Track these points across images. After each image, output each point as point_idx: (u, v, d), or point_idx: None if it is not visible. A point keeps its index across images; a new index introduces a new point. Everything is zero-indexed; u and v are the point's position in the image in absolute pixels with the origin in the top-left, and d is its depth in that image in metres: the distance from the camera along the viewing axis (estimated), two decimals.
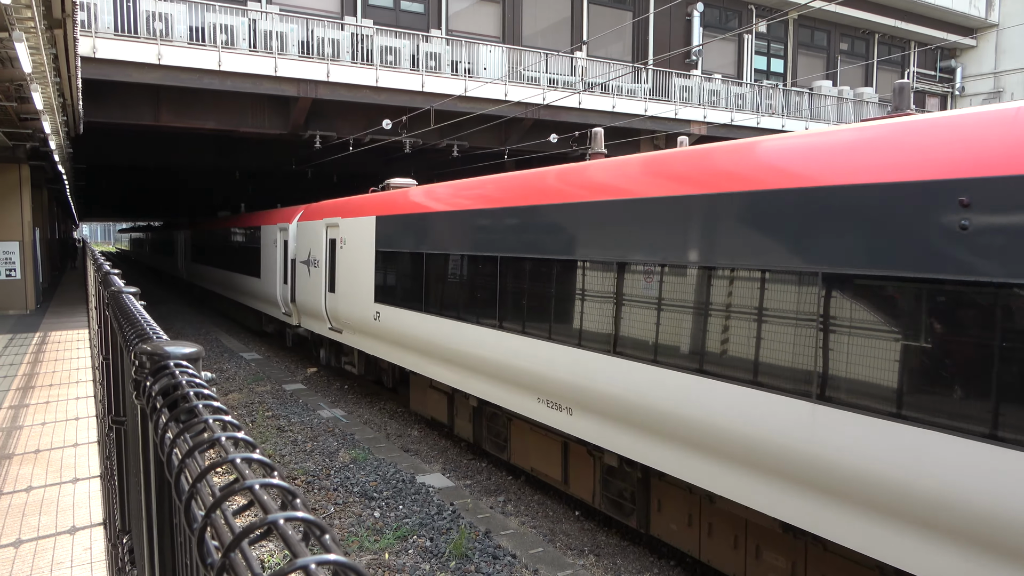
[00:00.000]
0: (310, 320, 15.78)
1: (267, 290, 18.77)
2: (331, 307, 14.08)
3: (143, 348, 1.50)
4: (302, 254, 15.98)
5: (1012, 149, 4.06)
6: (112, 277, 4.06)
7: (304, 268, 15.74)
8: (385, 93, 18.58)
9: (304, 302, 15.83)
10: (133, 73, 15.90)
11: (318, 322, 15.12)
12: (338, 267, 13.68)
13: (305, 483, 9.39)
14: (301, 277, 15.97)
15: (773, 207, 5.38)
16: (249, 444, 0.92)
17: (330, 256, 14.20)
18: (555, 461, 8.50)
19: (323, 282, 14.45)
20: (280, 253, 17.66)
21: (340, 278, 13.56)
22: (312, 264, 15.17)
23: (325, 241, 14.46)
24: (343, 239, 13.48)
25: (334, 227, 14.10)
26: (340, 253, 13.60)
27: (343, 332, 13.70)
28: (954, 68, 33.96)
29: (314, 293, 15.03)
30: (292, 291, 16.63)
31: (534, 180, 8.48)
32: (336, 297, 13.77)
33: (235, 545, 0.63)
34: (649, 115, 22.22)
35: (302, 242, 16.09)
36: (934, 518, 4.21)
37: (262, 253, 19.49)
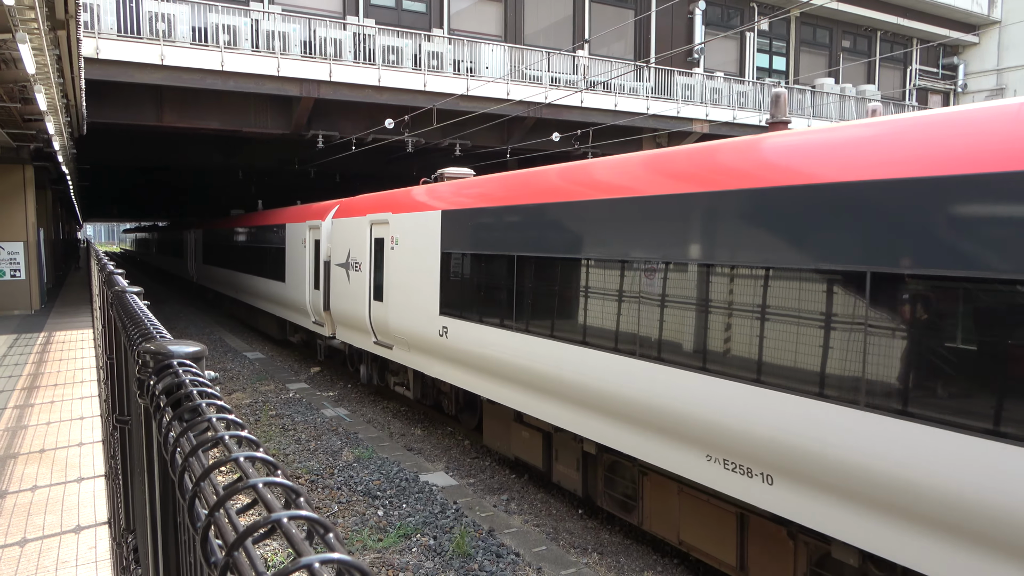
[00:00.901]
0: (348, 332, 13.87)
1: (294, 296, 16.92)
2: (377, 318, 12.19)
3: (147, 347, 1.50)
4: (339, 256, 14.05)
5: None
6: (116, 277, 4.07)
7: (341, 272, 13.84)
8: (387, 92, 18.58)
9: (341, 311, 13.92)
10: (136, 74, 15.92)
11: (359, 334, 13.22)
12: (387, 271, 11.78)
13: (309, 482, 9.41)
14: (338, 282, 14.08)
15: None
16: (252, 443, 0.93)
17: (376, 258, 12.34)
18: (725, 539, 6.43)
19: (367, 289, 12.61)
20: (310, 254, 15.82)
21: (390, 284, 11.66)
22: (352, 267, 13.29)
23: (369, 241, 12.58)
24: (394, 238, 11.52)
25: (382, 224, 12.17)
26: (390, 255, 11.65)
27: (393, 348, 11.71)
28: (956, 65, 33.87)
29: (355, 301, 13.08)
30: (326, 298, 14.76)
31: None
32: (384, 307, 11.86)
33: (238, 544, 0.63)
34: (651, 113, 22.19)
35: (339, 242, 14.11)
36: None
37: (287, 254, 17.55)
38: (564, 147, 21.62)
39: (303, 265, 16.23)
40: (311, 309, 15.86)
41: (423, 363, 10.82)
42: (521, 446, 9.29)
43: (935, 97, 33.68)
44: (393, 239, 11.63)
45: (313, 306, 15.68)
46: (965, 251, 4.24)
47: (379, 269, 12.21)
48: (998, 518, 4.08)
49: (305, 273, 16.03)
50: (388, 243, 11.84)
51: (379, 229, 12.32)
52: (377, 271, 12.29)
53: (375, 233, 12.48)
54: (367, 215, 12.77)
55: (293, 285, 17.02)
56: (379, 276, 12.19)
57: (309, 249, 15.93)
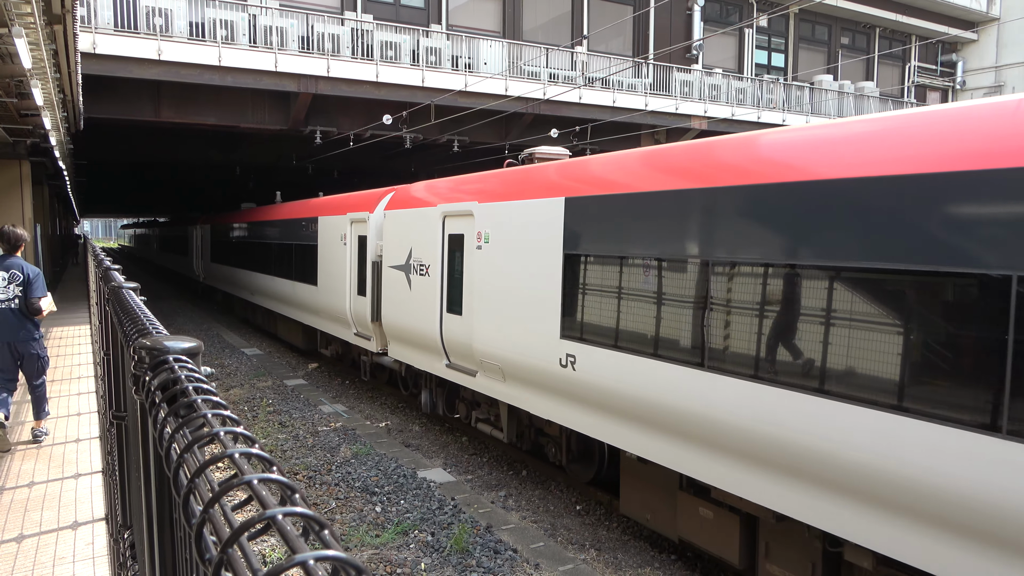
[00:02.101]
0: (406, 349, 11.45)
1: (330, 303, 14.46)
2: (453, 337, 9.81)
3: (142, 343, 1.49)
4: (394, 255, 11.55)
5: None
6: (112, 273, 4.06)
7: (398, 276, 11.42)
8: (385, 88, 18.55)
9: (397, 324, 11.46)
10: (133, 69, 15.87)
11: (423, 354, 10.88)
12: (470, 277, 9.40)
13: (307, 478, 9.41)
14: (392, 288, 11.60)
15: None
16: (248, 439, 0.92)
17: (451, 260, 10.03)
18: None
19: (437, 298, 10.21)
20: (352, 254, 13.39)
21: (475, 294, 9.23)
22: (415, 270, 10.85)
23: (442, 238, 10.20)
24: (482, 235, 9.09)
25: (461, 217, 9.76)
26: (475, 256, 9.26)
27: (477, 375, 9.38)
28: (955, 62, 33.86)
29: (418, 313, 10.72)
30: (375, 307, 12.40)
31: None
32: (465, 323, 9.48)
33: (233, 541, 0.63)
34: (650, 110, 22.17)
35: (394, 239, 11.66)
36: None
37: (321, 253, 15.09)
38: (563, 143, 21.58)
39: (343, 266, 13.75)
40: (353, 319, 13.37)
41: (528, 399, 8.41)
42: (694, 527, 6.73)
43: (933, 94, 33.68)
44: (480, 236, 9.13)
45: (356, 316, 13.20)
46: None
47: (456, 273, 9.82)
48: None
49: (346, 276, 13.58)
50: (471, 240, 9.41)
51: (456, 223, 9.89)
52: (453, 276, 9.92)
53: (450, 228, 10.06)
54: (438, 205, 10.29)
55: (328, 290, 14.56)
56: (456, 283, 9.80)
57: (351, 247, 13.47)
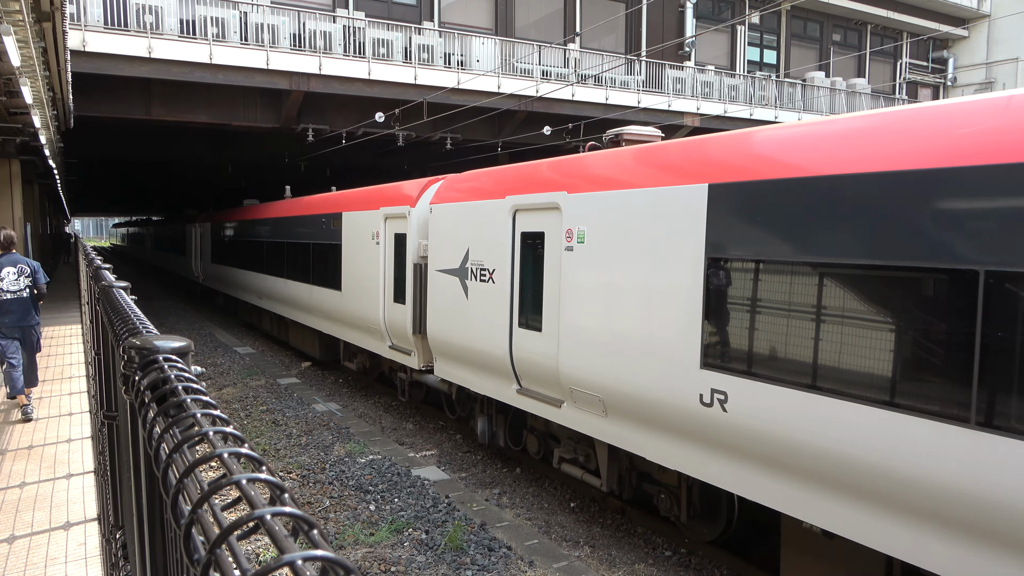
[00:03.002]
0: (460, 368, 9.77)
1: (357, 310, 12.83)
2: (529, 356, 8.18)
3: (132, 342, 1.49)
4: (444, 256, 9.90)
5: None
6: (103, 272, 4.04)
7: (450, 282, 9.73)
8: (378, 86, 18.51)
9: (449, 337, 9.80)
10: (124, 67, 15.79)
11: (484, 375, 9.20)
12: (556, 285, 7.71)
13: (300, 476, 9.39)
14: (442, 295, 9.94)
15: None
16: (238, 438, 0.92)
17: (526, 263, 8.33)
18: None
19: (505, 309, 8.54)
20: (387, 254, 11.79)
21: (564, 306, 7.54)
22: (473, 275, 9.19)
23: (512, 237, 8.52)
24: (575, 233, 7.40)
25: (543, 212, 8.01)
26: (563, 260, 7.53)
27: (563, 406, 7.71)
28: (946, 59, 34.01)
29: (477, 326, 9.10)
30: (417, 316, 10.75)
31: None
32: (547, 341, 7.85)
33: (220, 541, 0.62)
34: (642, 107, 22.19)
35: (444, 237, 9.96)
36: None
37: (345, 254, 13.39)
38: (555, 141, 21.60)
39: (374, 269, 12.06)
40: (388, 330, 11.71)
41: (643, 441, 6.72)
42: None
43: (925, 91, 33.82)
44: (571, 234, 7.44)
45: (392, 327, 11.56)
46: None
47: (533, 280, 8.16)
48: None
49: (379, 280, 11.89)
50: (556, 240, 7.74)
51: (533, 219, 8.17)
52: (528, 283, 8.24)
53: (523, 224, 8.35)
54: (507, 197, 8.56)
55: (356, 295, 12.86)
56: (533, 291, 8.17)
57: (385, 247, 11.84)
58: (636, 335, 6.59)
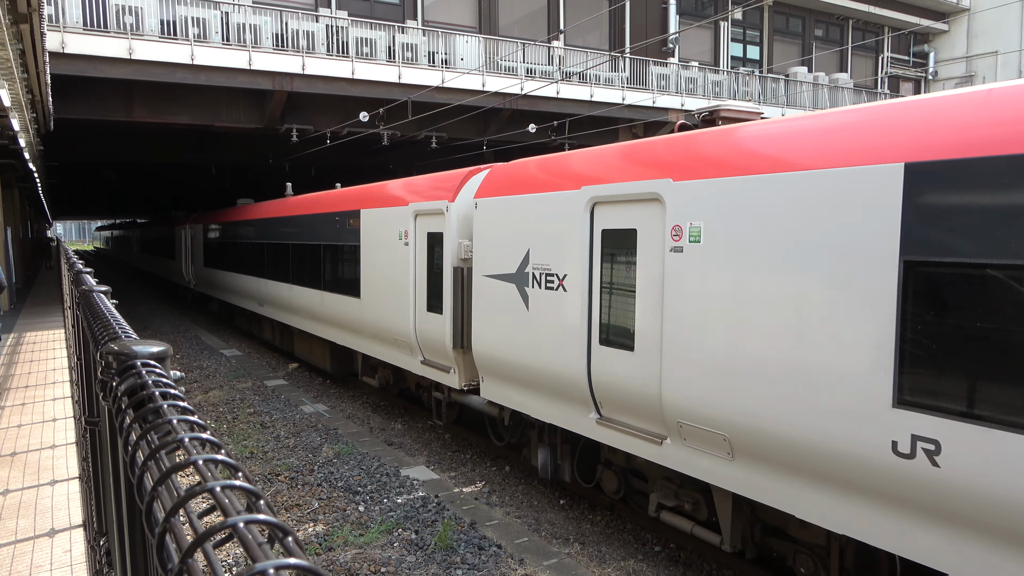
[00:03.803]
0: (516, 391, 8.37)
1: (381, 320, 11.44)
2: (615, 380, 6.85)
3: (109, 348, 1.47)
4: (495, 259, 8.53)
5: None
6: (84, 276, 3.99)
7: (504, 289, 8.36)
8: (361, 85, 18.43)
9: (500, 353, 8.46)
10: (104, 68, 15.64)
11: (550, 400, 7.81)
12: (656, 294, 6.36)
13: (288, 479, 9.35)
14: (492, 304, 8.59)
15: None
16: (214, 445, 0.90)
17: (607, 268, 6.97)
18: None
19: (582, 323, 7.18)
20: (419, 256, 10.40)
21: (669, 320, 6.17)
22: (536, 281, 7.82)
23: (590, 236, 7.15)
24: (686, 230, 6.02)
25: (636, 204, 6.61)
26: (668, 264, 6.16)
27: (667, 442, 6.36)
28: (927, 53, 34.30)
29: (543, 341, 7.72)
30: (459, 328, 9.45)
31: None
32: (641, 363, 6.52)
33: (192, 550, 0.61)
34: (627, 103, 22.23)
35: (494, 237, 8.58)
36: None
37: (365, 256, 12.01)
38: (541, 138, 21.60)
39: (403, 273, 10.72)
40: (420, 343, 10.38)
41: (791, 496, 5.36)
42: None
43: (907, 84, 34.08)
44: (679, 231, 6.06)
45: (426, 340, 10.20)
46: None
47: (619, 288, 6.83)
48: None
49: (409, 285, 10.54)
50: (655, 239, 6.36)
51: (620, 213, 6.76)
52: (612, 291, 6.90)
53: (606, 220, 6.94)
54: (582, 188, 7.15)
55: (379, 303, 11.49)
56: (619, 302, 6.83)
57: (416, 248, 10.48)
58: (785, 360, 5.17)
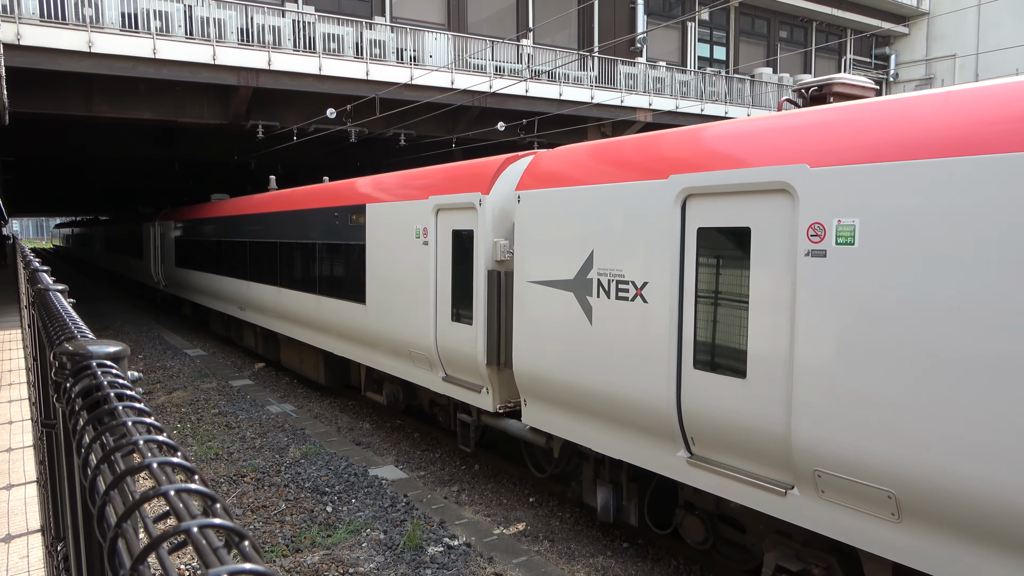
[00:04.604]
0: (567, 415, 7.14)
1: (389, 328, 10.20)
2: (717, 411, 5.58)
3: (64, 348, 1.42)
4: (545, 263, 7.25)
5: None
6: (40, 274, 3.89)
7: (558, 298, 7.05)
8: (329, 81, 18.25)
9: (550, 373, 7.18)
10: (63, 61, 15.25)
11: (618, 432, 6.56)
12: (775, 310, 5.17)
13: (255, 480, 9.23)
14: (541, 316, 7.28)
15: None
16: (171, 447, 0.88)
17: (705, 275, 5.74)
18: None
19: (669, 341, 5.94)
20: (441, 258, 9.07)
21: (798, 342, 4.96)
22: (604, 289, 6.53)
23: (680, 235, 5.88)
24: (829, 230, 4.83)
25: (752, 196, 5.35)
26: (799, 272, 4.96)
27: (793, 492, 5.14)
28: (888, 55, 35.03)
29: (610, 360, 6.47)
30: (496, 342, 8.12)
31: None
32: (759, 392, 5.27)
33: (144, 556, 0.59)
34: (596, 102, 22.33)
35: (541, 235, 7.32)
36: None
37: (372, 257, 10.70)
38: (510, 136, 21.60)
39: (421, 276, 9.38)
40: (443, 357, 9.06)
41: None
42: None
43: None
44: (820, 231, 4.85)
45: (450, 353, 8.90)
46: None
47: (723, 300, 5.58)
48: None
49: (428, 291, 9.21)
50: (779, 240, 5.12)
51: (725, 207, 5.51)
52: (712, 303, 5.65)
53: (704, 215, 5.67)
54: (670, 177, 5.88)
55: (389, 310, 10.20)
56: (723, 316, 5.55)
57: (437, 248, 9.14)
58: (1002, 398, 4.01)
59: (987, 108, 4.29)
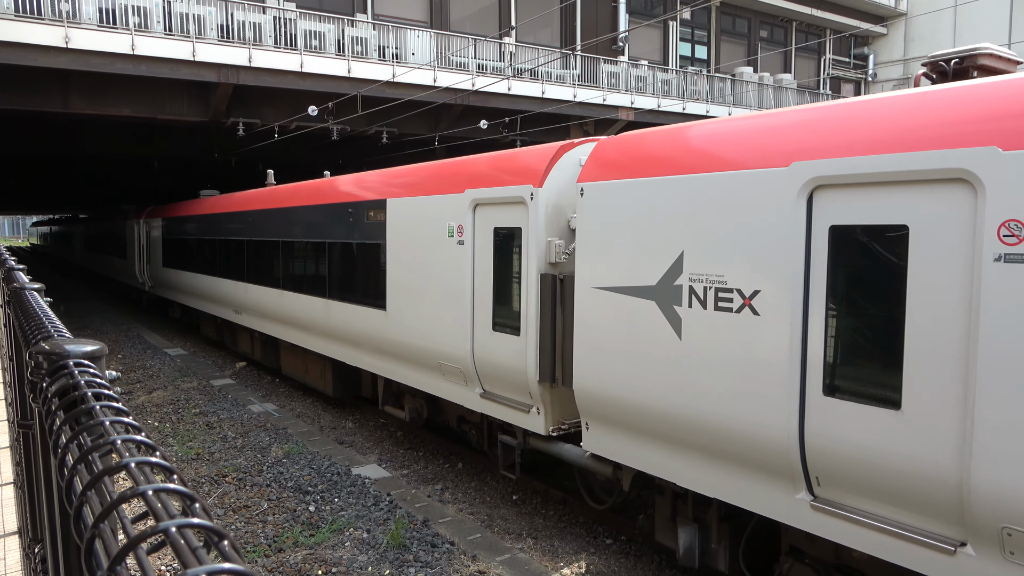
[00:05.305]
0: (645, 444, 6.13)
1: (416, 337, 9.10)
2: (858, 450, 4.57)
3: (40, 347, 1.41)
4: (617, 266, 6.21)
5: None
6: (16, 273, 3.84)
7: (635, 307, 6.03)
8: (310, 79, 18.12)
9: (620, 392, 6.19)
10: (39, 57, 15.02)
11: (714, 466, 5.54)
12: (947, 332, 4.17)
13: (236, 480, 9.16)
14: (612, 326, 6.24)
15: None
16: (149, 447, 0.87)
17: (840, 284, 4.70)
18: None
19: (789, 363, 4.93)
20: (477, 259, 8.04)
21: (983, 371, 3.97)
22: (697, 298, 5.54)
23: (805, 235, 4.87)
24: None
25: (906, 187, 4.37)
26: (984, 282, 3.98)
27: (962, 550, 4.16)
28: (867, 55, 35.40)
29: (705, 382, 5.47)
30: (549, 354, 7.09)
31: None
32: (916, 428, 4.31)
33: (121, 557, 0.59)
34: (578, 101, 22.37)
35: (613, 235, 6.27)
36: None
37: (392, 258, 9.64)
38: (492, 134, 21.58)
39: (456, 279, 8.32)
40: (481, 371, 8.03)
41: None
42: None
43: (847, 86, 35.11)
44: (1019, 231, 3.89)
45: (489, 366, 7.89)
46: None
47: (865, 315, 4.62)
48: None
49: (465, 295, 8.16)
50: (962, 242, 4.16)
51: (873, 201, 4.54)
52: (851, 319, 4.67)
53: (836, 211, 4.72)
54: (792, 164, 4.90)
55: (415, 316, 9.11)
56: (867, 337, 4.61)
57: (476, 247, 8.08)
58: None
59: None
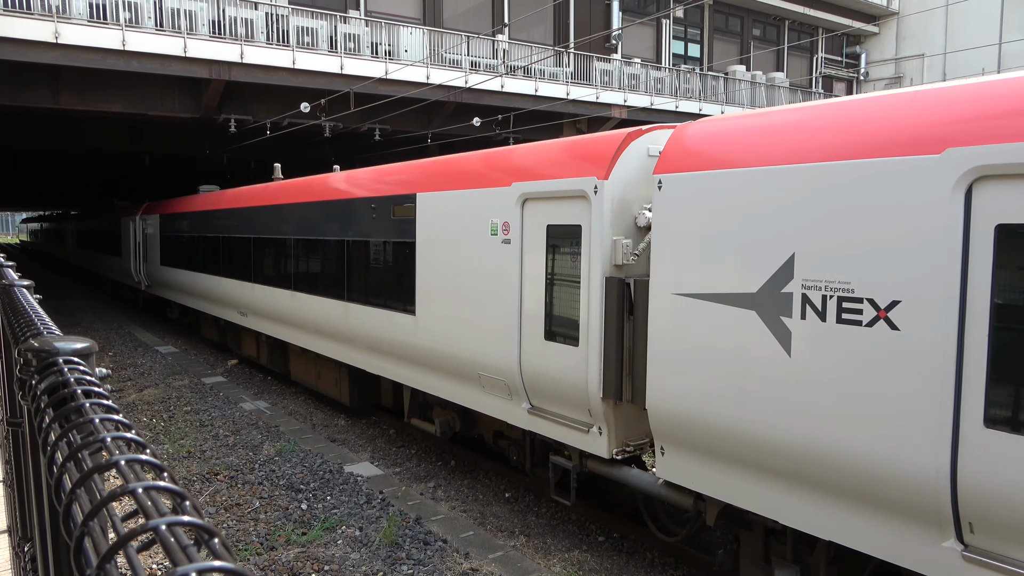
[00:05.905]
0: (731, 474, 5.41)
1: (452, 344, 8.34)
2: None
3: (29, 344, 1.40)
4: (701, 270, 5.46)
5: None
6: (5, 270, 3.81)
7: (730, 317, 5.24)
8: (303, 75, 18.06)
9: (709, 415, 5.42)
10: (28, 52, 14.92)
11: (828, 504, 4.76)
12: None
13: (228, 478, 9.13)
14: (694, 339, 5.50)
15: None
16: (139, 444, 0.87)
17: (1012, 294, 3.91)
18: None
19: (939, 388, 4.14)
20: (526, 259, 7.26)
21: None
22: (814, 309, 4.74)
23: (963, 235, 4.06)
24: None
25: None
26: None
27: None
28: (859, 54, 35.52)
29: (822, 406, 4.69)
30: (612, 367, 6.34)
31: None
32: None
33: (110, 555, 0.58)
34: (571, 99, 22.37)
35: (692, 234, 5.55)
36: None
37: (423, 257, 8.90)
38: (485, 132, 21.56)
39: (501, 282, 7.52)
40: (529, 384, 7.28)
41: None
42: None
43: (840, 84, 35.23)
44: None
45: (539, 379, 7.15)
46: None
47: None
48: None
49: (512, 300, 7.38)
50: None
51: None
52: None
53: (1009, 208, 3.90)
54: (945, 151, 4.13)
55: (451, 322, 8.33)
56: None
57: (525, 247, 7.26)
58: None
59: None
